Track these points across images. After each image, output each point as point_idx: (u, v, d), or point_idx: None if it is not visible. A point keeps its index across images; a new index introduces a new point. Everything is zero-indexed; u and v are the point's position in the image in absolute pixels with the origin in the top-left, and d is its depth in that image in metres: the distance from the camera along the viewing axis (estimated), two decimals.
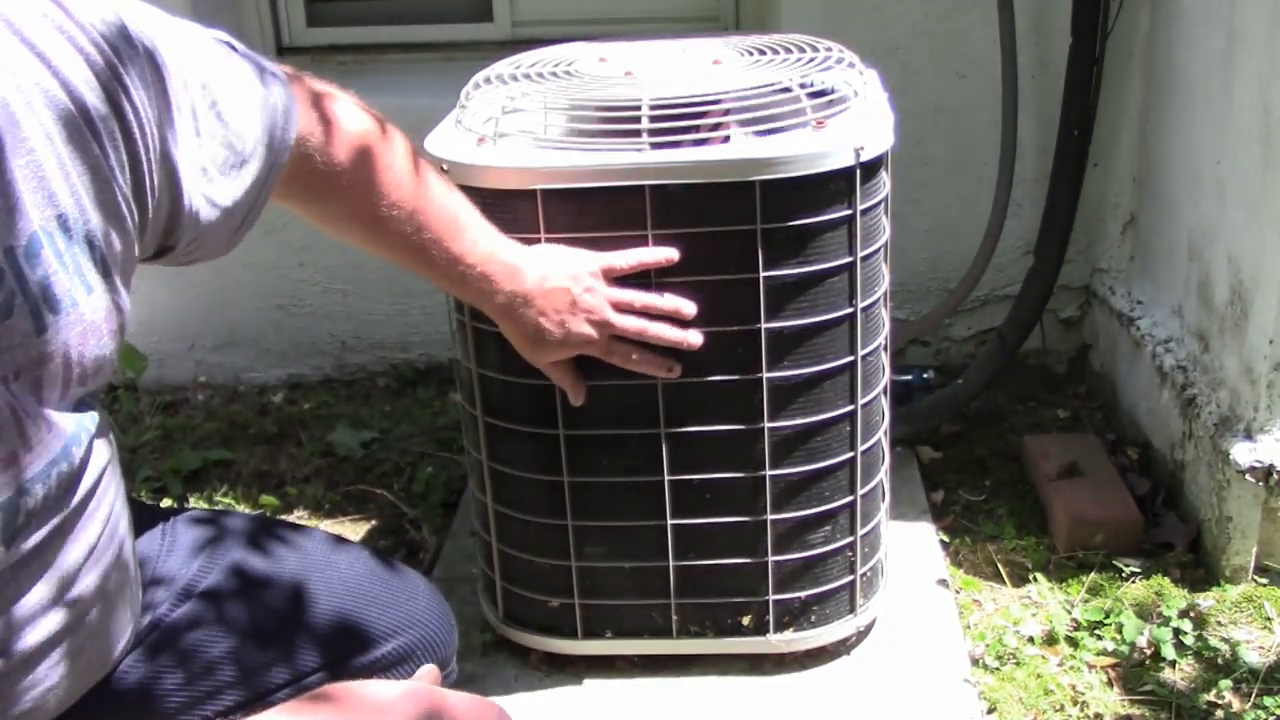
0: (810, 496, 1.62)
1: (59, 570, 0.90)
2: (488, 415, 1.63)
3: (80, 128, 0.85)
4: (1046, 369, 2.54)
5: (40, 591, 0.88)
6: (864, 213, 1.51)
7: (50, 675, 0.91)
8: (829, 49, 1.67)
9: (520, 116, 1.55)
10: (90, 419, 0.91)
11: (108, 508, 0.96)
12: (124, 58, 0.88)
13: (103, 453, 0.94)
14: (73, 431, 0.88)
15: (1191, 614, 1.80)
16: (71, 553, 0.91)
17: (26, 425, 0.83)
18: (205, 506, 2.10)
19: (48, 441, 0.85)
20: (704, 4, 2.62)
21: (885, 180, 1.56)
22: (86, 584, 0.93)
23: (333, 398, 2.64)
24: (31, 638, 0.88)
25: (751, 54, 1.69)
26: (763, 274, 1.49)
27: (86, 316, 0.86)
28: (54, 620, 0.90)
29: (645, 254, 1.48)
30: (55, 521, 0.89)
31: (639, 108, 1.48)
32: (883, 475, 1.71)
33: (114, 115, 0.87)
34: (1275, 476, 1.82)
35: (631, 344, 1.49)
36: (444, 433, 2.45)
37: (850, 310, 1.55)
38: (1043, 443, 2.21)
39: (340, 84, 1.21)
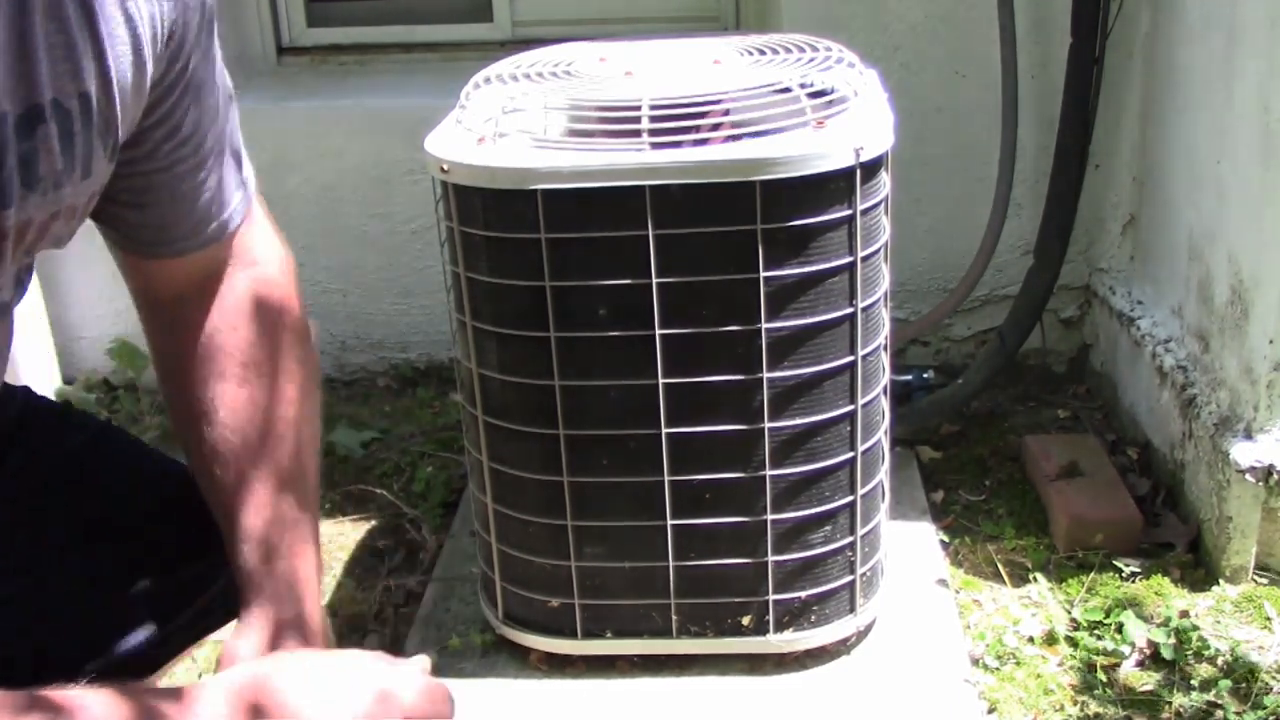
0: (810, 496, 1.62)
1: None
2: (488, 415, 1.63)
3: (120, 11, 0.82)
4: (1046, 369, 2.54)
5: None
6: (864, 213, 1.51)
7: None
8: (829, 49, 1.67)
9: (520, 116, 1.55)
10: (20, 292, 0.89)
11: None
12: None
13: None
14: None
15: (1191, 614, 1.80)
16: None
17: None
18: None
19: None
20: (704, 4, 2.62)
21: (885, 180, 1.56)
22: None
23: (333, 398, 2.64)
24: None
25: (751, 54, 1.68)
26: (763, 274, 1.49)
27: (67, 200, 0.83)
28: None
29: None
30: None
31: (639, 108, 1.48)
32: (883, 475, 1.71)
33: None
34: (1275, 476, 1.82)
35: None
36: (444, 433, 2.45)
37: (850, 310, 1.55)
38: (1043, 443, 2.21)
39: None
